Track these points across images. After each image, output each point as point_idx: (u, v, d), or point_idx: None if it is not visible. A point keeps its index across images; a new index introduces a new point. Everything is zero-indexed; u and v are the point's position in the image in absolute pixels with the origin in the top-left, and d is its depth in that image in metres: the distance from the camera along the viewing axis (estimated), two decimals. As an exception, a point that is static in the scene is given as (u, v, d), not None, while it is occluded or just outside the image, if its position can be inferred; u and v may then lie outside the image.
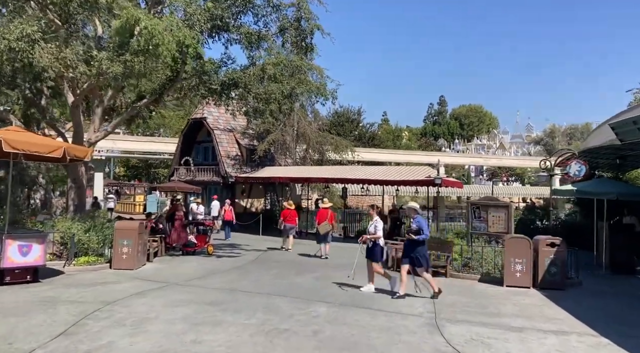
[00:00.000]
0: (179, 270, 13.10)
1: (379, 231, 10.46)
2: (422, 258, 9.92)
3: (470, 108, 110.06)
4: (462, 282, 12.23)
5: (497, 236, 13.73)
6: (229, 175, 26.71)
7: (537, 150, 72.50)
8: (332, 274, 12.77)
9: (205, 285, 10.98)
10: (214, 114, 28.94)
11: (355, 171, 21.51)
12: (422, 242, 9.93)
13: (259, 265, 14.37)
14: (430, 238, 14.26)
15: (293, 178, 24.14)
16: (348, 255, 16.37)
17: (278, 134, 26.78)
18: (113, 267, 12.60)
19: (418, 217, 10.11)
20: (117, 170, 52.95)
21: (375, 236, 10.46)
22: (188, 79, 14.25)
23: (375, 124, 55.13)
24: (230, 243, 19.74)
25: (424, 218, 10.25)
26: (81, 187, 15.77)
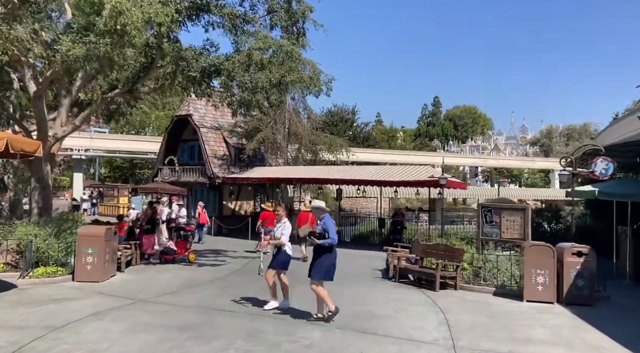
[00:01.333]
0: (152, 282, 11.48)
1: (284, 236, 8.93)
2: (319, 267, 8.19)
3: (465, 109, 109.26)
4: (475, 295, 10.72)
5: (512, 243, 12.24)
6: (215, 176, 25.05)
7: (534, 151, 71.42)
8: (328, 288, 11.19)
9: (179, 301, 9.39)
10: (201, 110, 27.29)
11: (351, 171, 20.01)
12: (328, 249, 8.20)
13: (244, 275, 12.79)
14: (437, 245, 12.87)
15: (284, 179, 22.57)
16: (344, 264, 14.85)
17: (268, 132, 25.16)
18: (76, 279, 10.99)
19: (326, 218, 8.40)
20: (102, 171, 51.15)
21: (278, 242, 8.93)
22: (165, 66, 12.65)
23: (369, 123, 53.66)
24: (215, 249, 18.14)
25: (332, 220, 8.49)
26: (46, 188, 14.11)
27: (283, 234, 8.92)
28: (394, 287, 11.54)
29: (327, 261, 8.21)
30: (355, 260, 16.06)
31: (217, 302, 9.47)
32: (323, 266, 8.18)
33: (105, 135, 36.86)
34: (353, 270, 14.04)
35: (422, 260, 12.66)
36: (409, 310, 9.17)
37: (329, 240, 8.08)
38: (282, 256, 8.96)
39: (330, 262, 8.24)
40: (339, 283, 11.58)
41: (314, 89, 13.32)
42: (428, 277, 11.72)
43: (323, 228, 8.20)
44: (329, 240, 8.08)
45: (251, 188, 26.87)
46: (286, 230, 8.97)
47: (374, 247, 19.70)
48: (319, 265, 8.18)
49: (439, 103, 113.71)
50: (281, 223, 9.13)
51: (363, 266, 14.79)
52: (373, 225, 22.33)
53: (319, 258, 8.21)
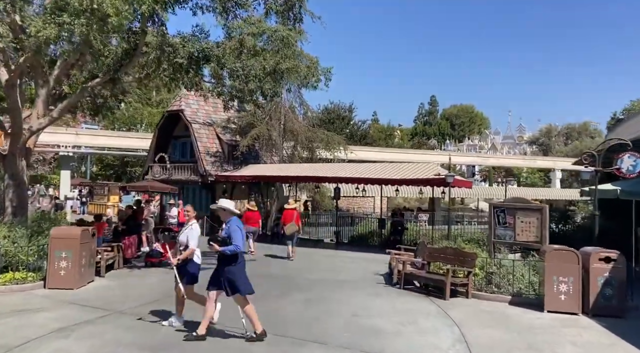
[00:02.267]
0: (134, 289, 10.41)
1: (192, 241, 7.42)
2: (234, 282, 6.84)
3: (462, 108, 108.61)
4: (490, 305, 9.71)
5: (528, 246, 11.25)
6: (208, 174, 23.98)
7: (533, 151, 70.64)
8: (327, 296, 10.20)
9: (161, 313, 8.34)
10: (193, 106, 26.24)
11: (351, 168, 18.97)
12: (233, 258, 6.86)
13: (236, 281, 11.73)
14: (445, 248, 11.86)
15: (279, 177, 21.50)
16: (343, 268, 13.92)
17: (263, 128, 24.06)
18: (48, 286, 9.93)
19: (232, 222, 6.99)
20: (93, 169, 49.86)
21: (189, 252, 7.43)
22: (149, 53, 11.57)
23: (367, 121, 52.61)
24: (206, 251, 17.04)
25: (238, 224, 7.01)
26: (21, 185, 13.01)
27: (190, 239, 7.43)
28: (400, 295, 10.52)
29: (241, 272, 6.95)
30: (354, 263, 15.05)
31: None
32: (239, 280, 6.89)
33: (93, 131, 35.58)
34: (353, 274, 13.04)
35: (429, 265, 11.65)
36: (419, 323, 8.15)
37: (232, 247, 6.75)
38: (192, 267, 7.56)
39: (243, 272, 7.00)
40: (338, 290, 10.62)
41: (311, 78, 12.22)
42: (436, 283, 10.70)
43: (227, 233, 6.90)
44: (232, 247, 6.75)
45: (245, 187, 25.79)
46: (193, 234, 7.45)
47: (374, 248, 18.69)
48: (236, 281, 6.84)
49: (435, 102, 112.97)
50: (187, 227, 7.58)
51: (364, 270, 13.78)
52: (372, 226, 21.32)
53: (228, 269, 6.85)
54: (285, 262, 15.13)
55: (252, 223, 16.41)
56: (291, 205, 16.43)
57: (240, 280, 6.87)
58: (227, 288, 6.84)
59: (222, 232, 7.03)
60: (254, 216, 16.64)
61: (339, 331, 7.52)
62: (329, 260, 15.64)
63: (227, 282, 6.82)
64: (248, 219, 16.41)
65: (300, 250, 17.99)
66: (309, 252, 17.67)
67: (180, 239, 7.59)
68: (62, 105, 12.76)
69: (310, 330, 7.57)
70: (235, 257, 6.84)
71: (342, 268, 14.08)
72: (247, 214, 16.85)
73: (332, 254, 17.19)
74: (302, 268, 14.00)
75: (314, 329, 7.61)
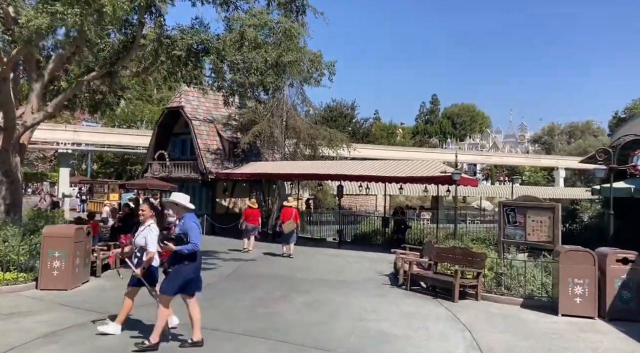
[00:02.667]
0: (130, 290, 9.99)
1: (151, 245, 6.63)
2: (173, 278, 6.26)
3: (463, 107, 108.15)
4: (501, 308, 9.31)
5: (539, 247, 10.83)
6: (208, 171, 23.54)
7: (536, 149, 70.16)
8: (329, 297, 9.79)
9: (154, 319, 7.92)
10: (193, 102, 25.80)
11: (354, 166, 18.56)
12: (188, 257, 6.24)
13: (236, 281, 11.34)
14: (453, 248, 11.46)
15: (281, 174, 21.10)
16: (346, 268, 13.50)
17: (265, 125, 23.61)
18: (40, 287, 9.54)
19: (186, 218, 6.38)
20: (94, 167, 49.49)
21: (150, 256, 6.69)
22: (146, 46, 11.16)
23: (369, 119, 52.08)
24: (206, 250, 16.63)
25: (195, 219, 6.40)
26: (15, 182, 12.63)
27: (149, 243, 6.67)
28: (406, 297, 10.11)
29: (184, 271, 6.28)
30: (358, 263, 14.66)
31: (202, 317, 7.95)
32: (179, 277, 6.26)
33: (91, 128, 35.20)
34: (357, 275, 12.64)
35: (436, 265, 11.24)
36: (429, 327, 7.74)
37: (190, 246, 6.16)
38: (150, 271, 6.85)
39: (188, 273, 6.31)
40: (342, 291, 10.22)
41: (314, 73, 11.80)
42: (445, 285, 10.29)
43: (182, 230, 6.29)
44: (189, 245, 6.16)
45: (246, 185, 25.37)
46: (152, 236, 6.67)
47: (377, 247, 18.30)
48: (174, 275, 6.29)
49: (437, 101, 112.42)
50: (144, 227, 6.83)
51: (368, 270, 13.38)
52: (375, 225, 20.93)
53: (178, 267, 6.30)
54: (285, 261, 14.75)
55: (252, 221, 16.31)
56: (289, 202, 16.33)
57: (176, 278, 6.23)
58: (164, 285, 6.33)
59: (177, 228, 6.45)
60: (254, 213, 16.48)
61: (345, 336, 7.12)
62: (332, 260, 15.25)
63: (169, 281, 6.27)
64: (247, 217, 16.38)
65: (302, 249, 17.60)
66: (311, 251, 17.27)
67: (136, 241, 6.85)
68: (56, 99, 12.36)
69: (314, 335, 7.16)
70: (192, 256, 6.24)
71: (345, 268, 13.68)
72: (246, 211, 16.78)
73: (335, 253, 16.79)
74: (304, 268, 13.61)
75: (318, 334, 7.20)
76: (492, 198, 54.50)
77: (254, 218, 16.32)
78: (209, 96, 27.22)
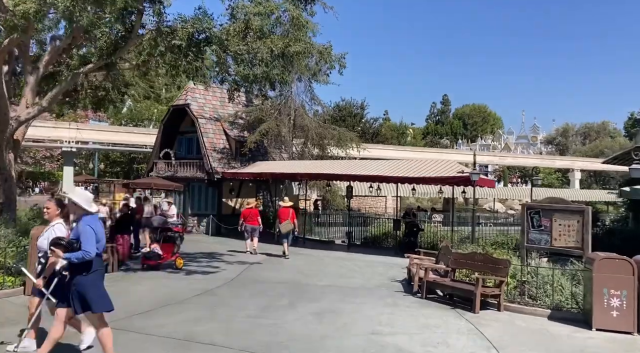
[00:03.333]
0: (124, 296, 9.30)
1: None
2: (85, 296, 5.26)
3: (474, 108, 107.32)
4: (527, 320, 8.49)
5: (566, 253, 9.99)
6: (214, 171, 22.88)
7: (549, 150, 68.88)
8: (339, 306, 9.03)
9: (148, 328, 7.23)
10: (199, 100, 25.15)
11: (365, 166, 17.78)
12: (85, 267, 5.25)
13: (239, 287, 10.60)
14: (473, 254, 10.64)
15: (288, 174, 20.35)
16: (357, 273, 12.72)
17: (272, 124, 22.91)
18: (27, 293, 8.84)
19: (83, 220, 5.35)
20: (101, 166, 49.13)
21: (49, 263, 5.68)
22: (146, 36, 10.48)
23: (379, 119, 51.17)
24: (210, 252, 16.00)
25: (92, 223, 5.34)
26: (8, 180, 12.01)
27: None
28: (422, 306, 9.32)
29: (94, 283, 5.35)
30: (369, 268, 13.88)
31: (199, 329, 7.28)
32: (95, 291, 5.32)
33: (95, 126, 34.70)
34: (369, 280, 11.87)
35: (453, 272, 10.44)
36: (450, 343, 6.95)
37: (79, 254, 5.15)
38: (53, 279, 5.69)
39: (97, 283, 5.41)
40: (353, 299, 9.45)
41: (323, 65, 11.04)
42: (464, 294, 9.50)
43: (75, 235, 5.35)
44: (79, 253, 5.15)
45: (253, 185, 24.69)
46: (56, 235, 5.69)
47: (389, 251, 17.52)
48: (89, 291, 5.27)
49: (448, 101, 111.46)
50: (49, 228, 5.96)
51: (379, 276, 12.60)
52: (386, 227, 20.13)
53: (78, 280, 5.28)
54: (292, 265, 14.01)
55: (251, 221, 15.89)
56: (286, 203, 16.14)
57: (92, 293, 5.29)
58: (75, 304, 5.29)
59: (72, 232, 5.53)
60: (252, 213, 16.04)
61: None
62: (341, 264, 14.49)
63: (76, 297, 5.27)
64: (246, 217, 15.99)
65: (310, 252, 16.87)
66: (319, 254, 16.53)
67: (39, 244, 6.02)
68: (52, 93, 11.72)
69: (323, 350, 6.40)
70: (88, 265, 5.26)
71: (355, 274, 12.92)
72: (244, 212, 16.39)
73: (345, 257, 16.03)
74: (311, 272, 12.86)
75: (327, 350, 6.44)
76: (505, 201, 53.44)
77: (252, 219, 15.89)
78: (215, 94, 26.63)
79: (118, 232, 12.72)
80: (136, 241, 15.36)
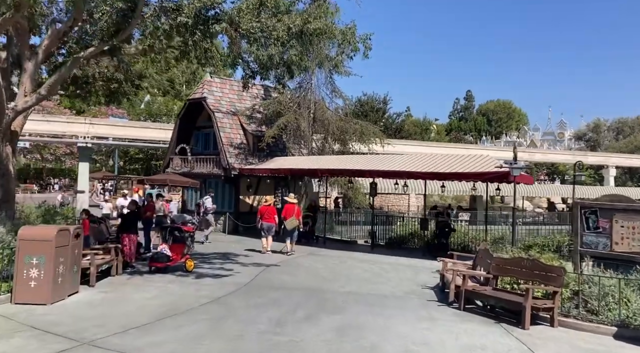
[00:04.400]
0: (123, 306, 8.28)
1: None
2: None
3: (499, 103, 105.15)
4: (588, 339, 7.19)
5: (631, 259, 8.62)
6: (231, 167, 21.87)
7: (580, 146, 66.34)
8: (366, 320, 7.83)
9: (142, 347, 6.15)
10: (216, 93, 24.19)
11: (389, 161, 16.50)
12: None
13: (252, 294, 9.49)
14: (519, 259, 9.28)
15: (308, 170, 19.17)
16: (382, 278, 11.46)
17: (291, 117, 21.74)
18: (15, 301, 7.92)
19: None
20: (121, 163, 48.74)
21: None
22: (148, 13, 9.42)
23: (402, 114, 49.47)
24: (225, 253, 14.98)
25: None
26: (6, 175, 11.11)
27: None
28: (461, 320, 8.07)
29: None
30: (396, 272, 12.66)
31: (203, 348, 6.18)
32: None
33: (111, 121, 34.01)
34: (396, 287, 10.65)
35: (496, 280, 9.16)
36: (503, 372, 5.70)
37: None
38: None
39: None
40: (380, 311, 8.19)
41: (347, 47, 9.83)
42: (510, 306, 8.23)
43: None
44: None
45: (271, 182, 23.61)
46: None
47: (415, 253, 16.28)
48: None
49: (471, 97, 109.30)
50: None
51: (408, 281, 11.37)
52: (412, 226, 18.85)
53: None
54: (312, 268, 12.87)
55: (268, 219, 15.23)
56: (291, 199, 15.89)
57: None
58: None
59: None
60: (269, 211, 15.39)
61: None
62: (365, 267, 13.30)
63: None
64: (262, 215, 15.33)
65: (330, 253, 15.73)
66: (340, 255, 15.36)
67: None
68: (51, 80, 10.76)
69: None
70: None
71: (381, 278, 11.71)
72: (261, 209, 15.74)
73: (368, 259, 14.83)
74: (332, 277, 11.70)
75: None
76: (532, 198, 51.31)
77: (269, 217, 15.21)
78: (232, 87, 25.65)
79: (123, 230, 11.71)
80: (146, 240, 14.43)
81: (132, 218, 11.97)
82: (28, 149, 45.68)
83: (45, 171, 51.08)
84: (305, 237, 18.97)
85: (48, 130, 28.48)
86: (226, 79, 26.96)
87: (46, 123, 28.24)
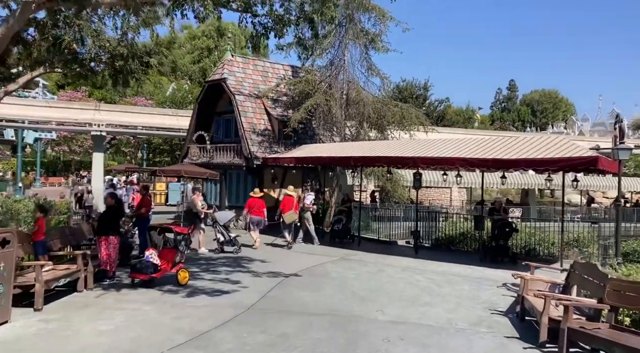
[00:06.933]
0: (57, 346, 5.68)
1: None
2: None
3: (544, 93, 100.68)
4: None
5: None
6: (253, 156, 19.28)
7: (639, 137, 60.97)
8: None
9: None
10: (238, 74, 21.65)
11: (438, 147, 13.44)
12: None
13: (254, 325, 6.76)
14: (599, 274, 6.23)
15: (340, 158, 16.28)
16: (432, 295, 8.22)
17: (320, 98, 18.88)
18: None
19: None
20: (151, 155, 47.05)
21: None
22: None
23: (444, 100, 45.80)
24: (237, 257, 12.41)
25: None
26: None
27: None
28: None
29: None
30: (450, 285, 9.74)
31: None
32: None
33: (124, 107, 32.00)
34: (455, 312, 7.75)
35: (616, 313, 6.12)
36: None
37: None
38: None
39: None
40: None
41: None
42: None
43: None
44: None
45: (298, 172, 20.91)
46: None
47: (468, 257, 13.34)
48: None
49: (514, 87, 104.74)
50: None
51: (469, 301, 8.44)
52: (463, 225, 15.79)
53: None
54: (341, 281, 10.02)
55: (256, 212, 14.60)
56: (290, 191, 15.43)
57: None
58: None
59: None
60: (258, 204, 14.74)
61: None
62: (410, 278, 10.41)
63: None
64: (251, 208, 14.67)
65: (366, 257, 12.92)
66: (378, 261, 12.53)
67: None
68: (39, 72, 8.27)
69: None
70: None
71: (433, 297, 8.80)
72: (249, 201, 14.93)
73: (413, 266, 11.95)
74: (368, 294, 8.88)
75: None
76: (587, 192, 46.86)
77: (258, 210, 14.59)
78: (257, 68, 23.03)
79: (101, 232, 9.13)
80: (142, 242, 11.96)
81: (111, 215, 9.35)
82: (56, 141, 44.56)
83: (74, 164, 50.04)
84: (339, 236, 16.26)
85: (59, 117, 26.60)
86: (249, 58, 24.39)
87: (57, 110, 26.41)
